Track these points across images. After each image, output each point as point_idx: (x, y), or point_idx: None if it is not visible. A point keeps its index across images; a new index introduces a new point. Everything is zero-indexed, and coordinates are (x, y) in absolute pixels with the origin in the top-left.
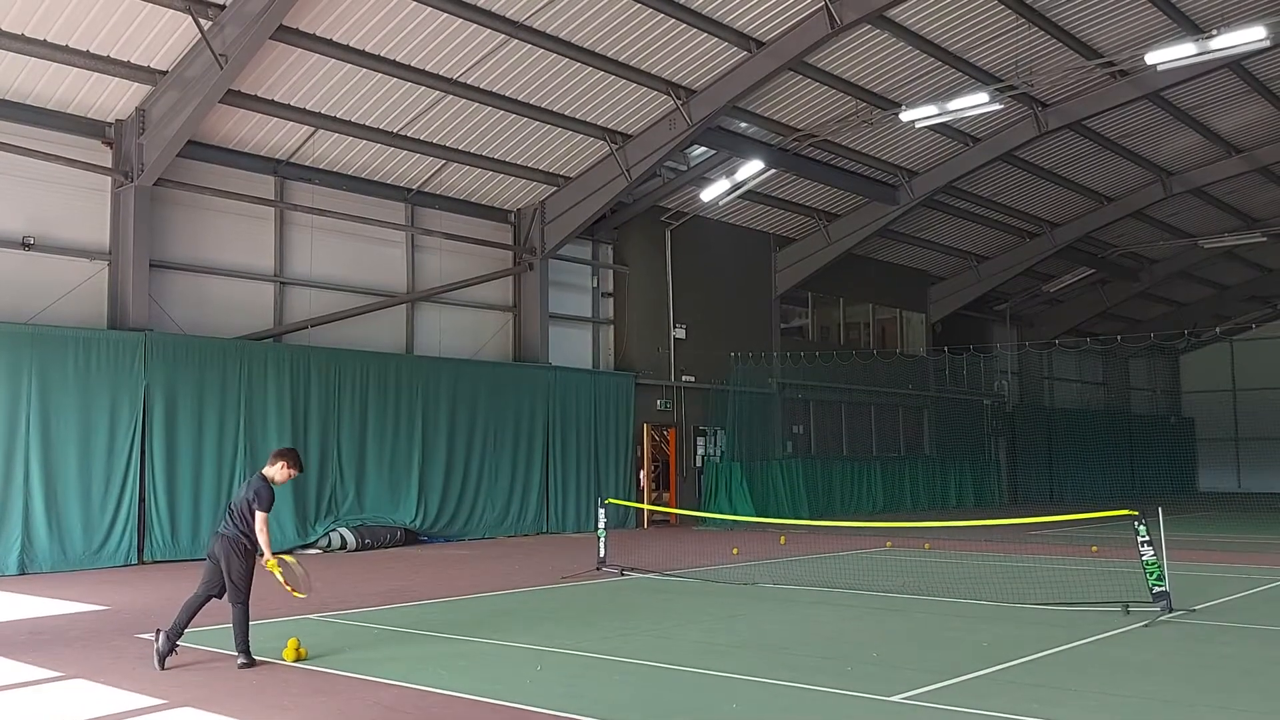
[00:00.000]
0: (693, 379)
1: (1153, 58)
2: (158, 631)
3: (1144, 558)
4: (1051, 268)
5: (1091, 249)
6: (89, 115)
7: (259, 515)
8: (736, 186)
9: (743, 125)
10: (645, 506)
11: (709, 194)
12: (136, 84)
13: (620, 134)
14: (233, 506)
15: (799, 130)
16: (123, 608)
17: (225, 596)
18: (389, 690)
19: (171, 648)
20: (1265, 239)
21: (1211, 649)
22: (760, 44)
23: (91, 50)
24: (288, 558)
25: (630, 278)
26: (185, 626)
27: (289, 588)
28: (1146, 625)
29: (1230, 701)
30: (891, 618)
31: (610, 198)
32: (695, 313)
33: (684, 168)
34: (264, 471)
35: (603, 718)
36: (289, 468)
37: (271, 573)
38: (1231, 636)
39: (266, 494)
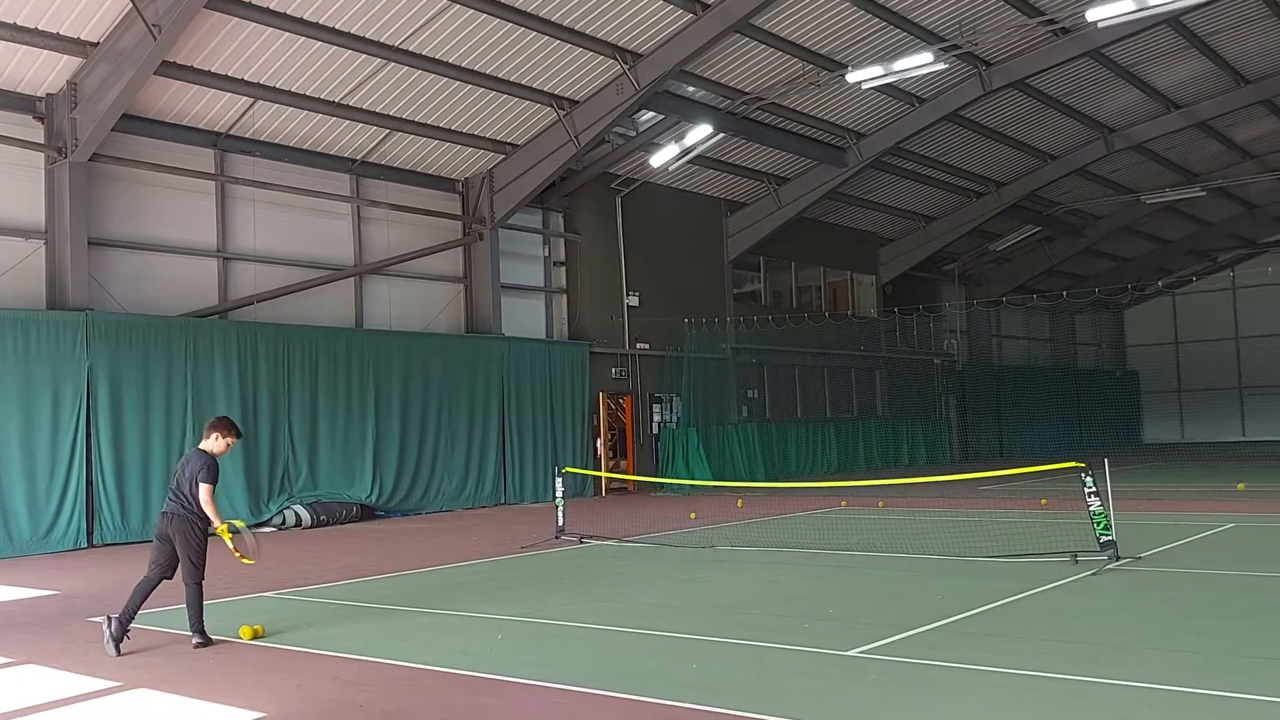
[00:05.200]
0: (647, 346)
1: (1093, 14)
2: (109, 618)
3: (1091, 508)
4: (998, 226)
5: (1037, 207)
6: (18, 90)
7: (204, 488)
8: (686, 151)
9: (690, 89)
10: (603, 475)
11: (658, 159)
12: (67, 56)
13: (567, 100)
14: (179, 485)
15: (747, 93)
16: (73, 592)
17: (179, 576)
18: (350, 665)
19: (124, 632)
20: (1204, 193)
21: (1157, 594)
22: (705, 6)
23: (18, 22)
24: (237, 523)
25: (582, 246)
26: (137, 610)
27: (238, 554)
28: (1094, 574)
29: (1173, 644)
30: (847, 575)
31: (559, 165)
32: (648, 280)
33: (633, 133)
34: (201, 447)
35: (565, 684)
36: (225, 436)
37: (222, 539)
38: (1175, 582)
39: (212, 467)
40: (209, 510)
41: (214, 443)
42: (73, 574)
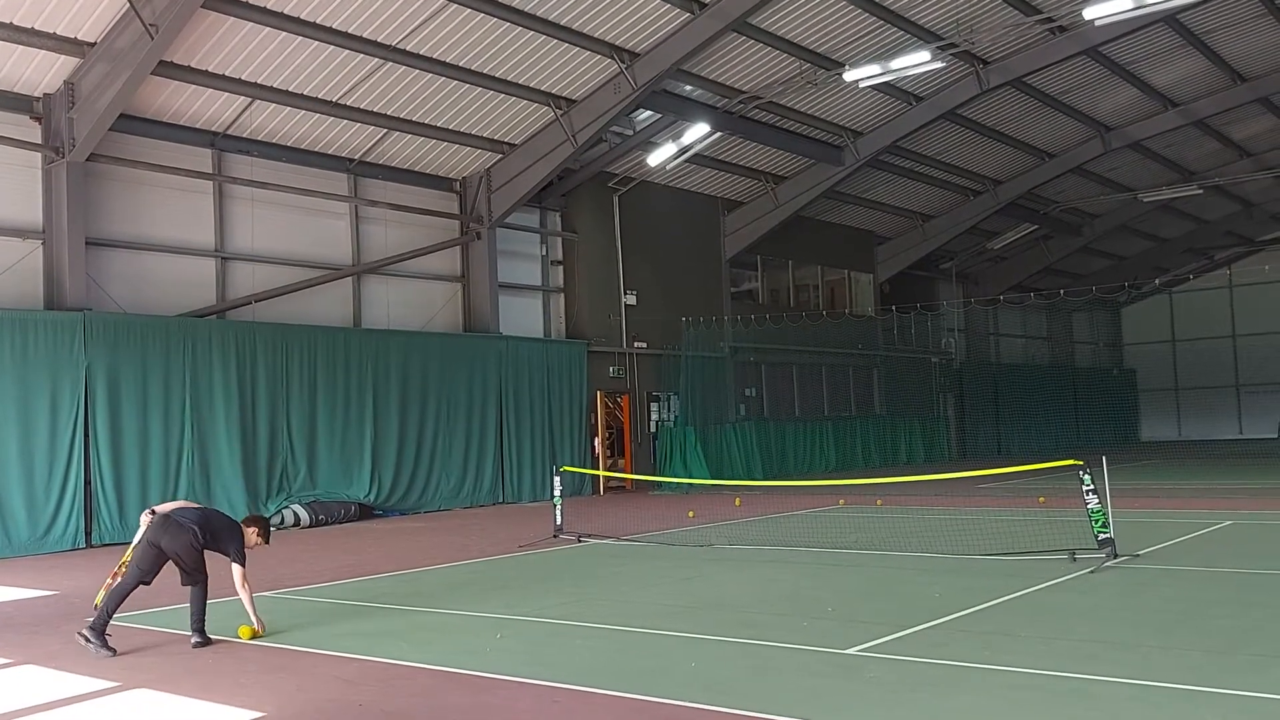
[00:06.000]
0: (645, 345)
1: (1090, 12)
2: (81, 634)
3: (1089, 506)
4: (995, 225)
5: (1034, 205)
6: (15, 90)
7: (239, 571)
8: (683, 150)
9: (687, 88)
10: (601, 473)
11: (656, 158)
12: (64, 56)
13: (565, 99)
14: (191, 513)
15: (744, 92)
16: (71, 592)
17: (183, 581)
18: (350, 664)
19: (104, 635)
20: (1201, 191)
21: (1155, 592)
22: (703, 5)
23: (15, 22)
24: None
25: (579, 245)
26: (113, 613)
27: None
28: (1092, 571)
29: (1171, 641)
30: (846, 573)
31: (556, 164)
32: (646, 279)
33: (630, 132)
34: (243, 527)
35: (564, 683)
36: (261, 537)
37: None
38: (1173, 579)
39: (243, 551)
40: (246, 596)
41: (252, 535)
42: (71, 574)
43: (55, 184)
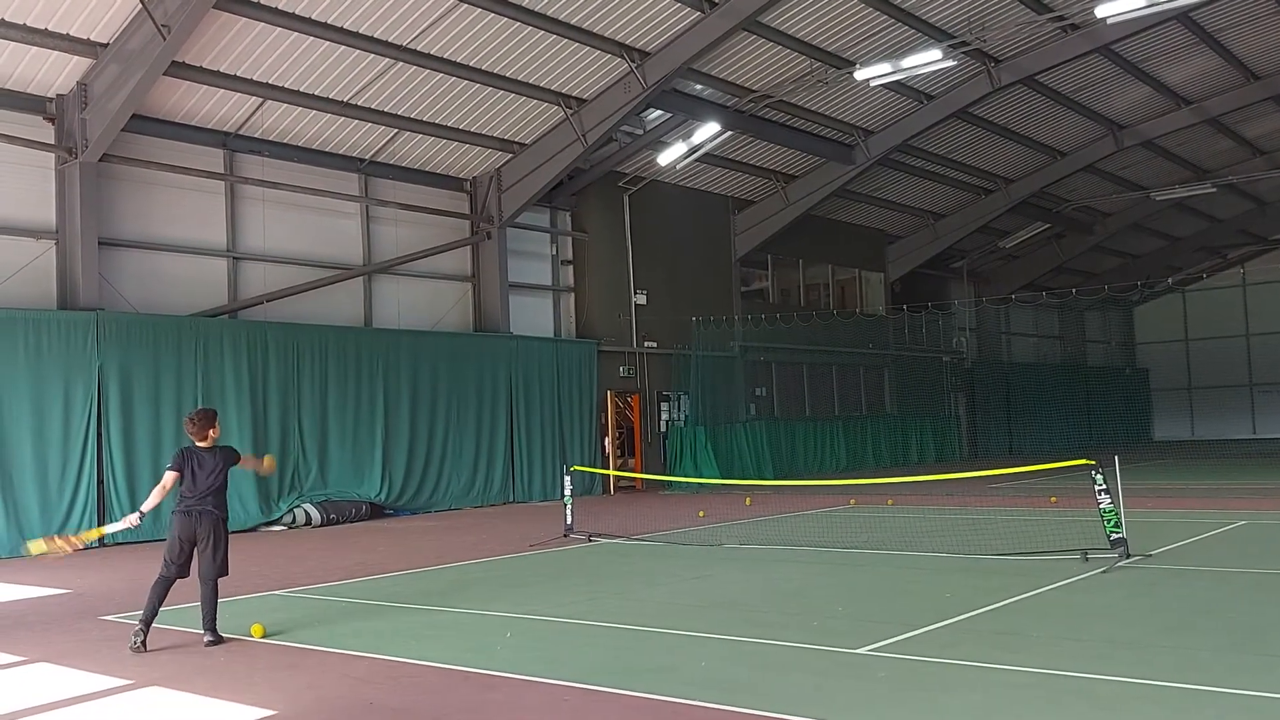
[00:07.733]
0: (655, 344)
1: (1102, 10)
2: (138, 633)
3: (1101, 506)
4: (1007, 224)
5: (1046, 204)
6: (28, 90)
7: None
8: (693, 149)
9: (698, 87)
10: (611, 473)
11: (666, 158)
12: (77, 57)
13: (575, 99)
14: (203, 484)
15: (755, 91)
16: (84, 590)
17: (200, 573)
18: (360, 662)
19: (146, 633)
20: (1214, 189)
21: (1168, 591)
22: (713, 3)
23: (28, 23)
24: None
25: (589, 244)
26: (157, 610)
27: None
28: (1105, 571)
29: (1186, 641)
30: (856, 573)
31: (567, 164)
32: (656, 278)
33: (640, 131)
34: (209, 445)
35: (573, 681)
36: (216, 424)
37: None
38: (1187, 579)
39: (232, 451)
40: (252, 463)
41: (216, 432)
42: (84, 573)
43: (68, 184)
